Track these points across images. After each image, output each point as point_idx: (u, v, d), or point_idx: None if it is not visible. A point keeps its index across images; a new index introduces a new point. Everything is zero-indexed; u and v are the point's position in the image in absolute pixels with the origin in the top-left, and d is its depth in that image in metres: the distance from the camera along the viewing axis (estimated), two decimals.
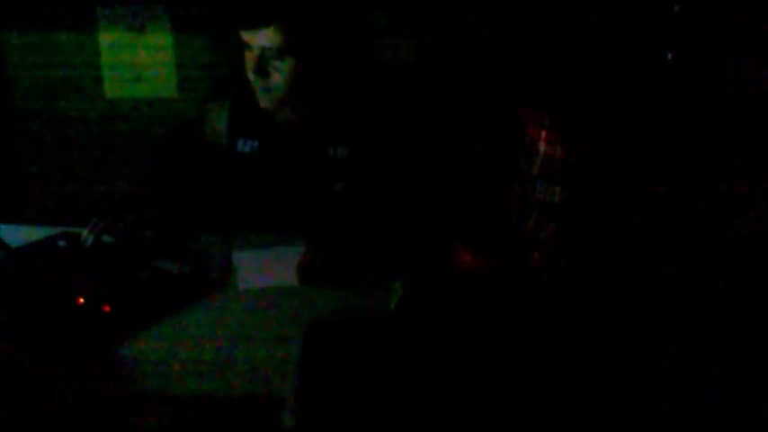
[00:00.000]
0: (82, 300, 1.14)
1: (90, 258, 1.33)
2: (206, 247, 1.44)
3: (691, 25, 1.71)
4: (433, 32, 2.08)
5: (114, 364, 1.06)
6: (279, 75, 1.42)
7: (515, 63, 1.97)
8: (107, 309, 1.13)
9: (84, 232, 1.36)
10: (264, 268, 1.37)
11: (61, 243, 1.38)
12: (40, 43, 2.09)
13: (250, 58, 1.43)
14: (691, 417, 1.01)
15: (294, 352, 1.08)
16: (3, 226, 1.45)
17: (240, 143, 1.57)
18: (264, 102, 1.47)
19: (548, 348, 1.11)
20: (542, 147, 1.37)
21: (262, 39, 1.38)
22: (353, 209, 1.53)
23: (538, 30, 1.92)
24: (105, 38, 2.09)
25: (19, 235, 1.40)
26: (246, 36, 1.40)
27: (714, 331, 1.18)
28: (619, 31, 1.78)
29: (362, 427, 0.98)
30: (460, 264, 1.34)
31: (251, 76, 1.44)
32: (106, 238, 1.38)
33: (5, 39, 2.08)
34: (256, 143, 1.56)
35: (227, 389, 1.01)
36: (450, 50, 2.07)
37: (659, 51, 1.73)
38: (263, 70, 1.42)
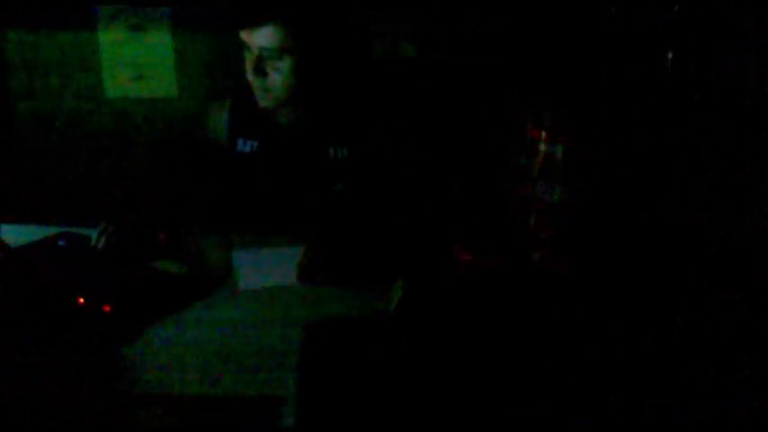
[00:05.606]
0: (82, 300, 1.14)
1: (90, 258, 1.33)
2: (206, 247, 1.44)
3: (691, 25, 1.71)
4: (433, 33, 2.08)
5: (114, 364, 1.06)
6: (278, 75, 1.42)
7: (515, 63, 1.98)
8: (107, 309, 1.13)
9: (94, 234, 1.36)
10: (264, 268, 1.37)
11: (61, 243, 1.38)
12: (39, 42, 2.09)
13: (249, 59, 1.43)
14: (691, 416, 1.01)
15: (294, 352, 1.08)
16: (3, 226, 1.45)
17: (240, 143, 1.57)
18: (264, 102, 1.47)
19: (548, 348, 1.11)
20: (542, 147, 1.37)
21: (260, 39, 1.38)
22: (353, 209, 1.53)
23: (538, 30, 1.93)
24: (105, 37, 2.09)
25: (19, 235, 1.40)
26: (245, 36, 1.40)
27: (714, 331, 1.18)
28: (619, 32, 1.78)
29: (362, 427, 0.98)
30: (460, 264, 1.34)
31: (250, 76, 1.44)
32: None
33: (5, 38, 2.08)
34: (256, 143, 1.56)
35: (227, 389, 1.01)
36: (450, 51, 2.07)
37: (659, 51, 1.73)
38: (261, 70, 1.41)
